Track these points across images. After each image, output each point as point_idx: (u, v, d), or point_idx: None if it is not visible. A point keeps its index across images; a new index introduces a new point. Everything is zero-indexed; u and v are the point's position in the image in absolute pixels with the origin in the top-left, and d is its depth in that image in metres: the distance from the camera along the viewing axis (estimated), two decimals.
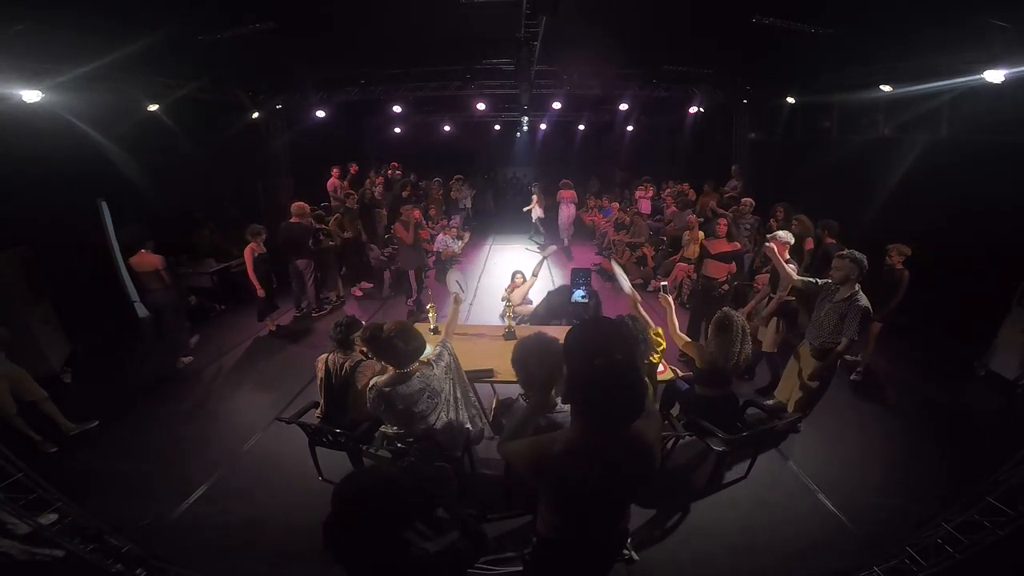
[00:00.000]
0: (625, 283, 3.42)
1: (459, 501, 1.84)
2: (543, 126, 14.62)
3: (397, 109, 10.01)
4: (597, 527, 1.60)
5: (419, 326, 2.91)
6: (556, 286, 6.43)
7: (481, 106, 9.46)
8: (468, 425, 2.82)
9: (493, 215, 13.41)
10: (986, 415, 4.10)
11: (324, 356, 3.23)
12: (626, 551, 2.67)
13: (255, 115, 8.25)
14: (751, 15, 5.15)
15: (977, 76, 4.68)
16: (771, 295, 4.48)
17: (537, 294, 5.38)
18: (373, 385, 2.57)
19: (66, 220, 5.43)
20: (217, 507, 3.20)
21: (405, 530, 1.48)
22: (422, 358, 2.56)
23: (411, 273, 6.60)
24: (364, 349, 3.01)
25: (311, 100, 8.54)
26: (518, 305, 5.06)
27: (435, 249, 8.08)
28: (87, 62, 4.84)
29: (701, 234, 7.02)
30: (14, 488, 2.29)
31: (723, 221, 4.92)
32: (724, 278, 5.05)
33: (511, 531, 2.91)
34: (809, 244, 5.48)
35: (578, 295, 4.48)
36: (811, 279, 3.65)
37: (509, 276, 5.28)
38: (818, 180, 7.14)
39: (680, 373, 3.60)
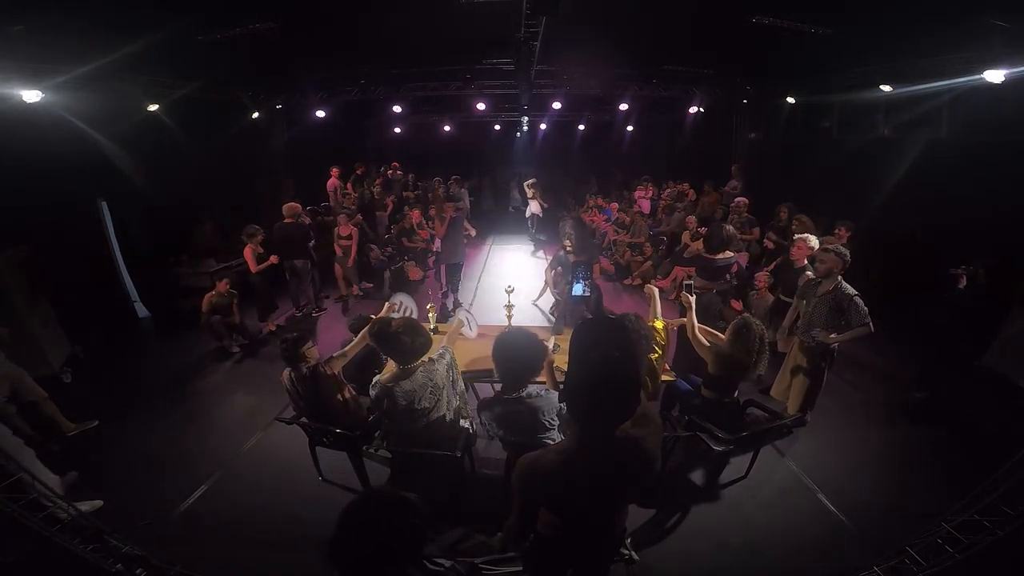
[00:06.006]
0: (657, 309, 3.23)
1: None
2: (543, 126, 14.60)
3: (397, 109, 10.00)
4: (593, 527, 1.60)
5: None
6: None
7: (481, 106, 9.45)
8: (467, 425, 2.83)
9: (494, 215, 13.37)
10: (986, 415, 4.10)
11: (284, 375, 3.09)
12: (626, 551, 2.66)
13: (255, 115, 8.25)
14: (751, 15, 5.16)
15: (977, 76, 4.68)
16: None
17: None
18: (376, 382, 2.58)
19: (66, 220, 5.44)
20: (217, 507, 3.19)
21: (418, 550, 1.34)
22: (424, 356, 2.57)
23: (443, 268, 6.55)
24: (311, 358, 3.00)
25: (311, 100, 8.54)
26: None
27: (435, 249, 8.07)
28: (87, 62, 4.83)
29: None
30: (14, 488, 2.28)
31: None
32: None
33: None
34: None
35: (578, 289, 4.45)
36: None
37: (509, 276, 5.28)
38: (818, 180, 7.14)
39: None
